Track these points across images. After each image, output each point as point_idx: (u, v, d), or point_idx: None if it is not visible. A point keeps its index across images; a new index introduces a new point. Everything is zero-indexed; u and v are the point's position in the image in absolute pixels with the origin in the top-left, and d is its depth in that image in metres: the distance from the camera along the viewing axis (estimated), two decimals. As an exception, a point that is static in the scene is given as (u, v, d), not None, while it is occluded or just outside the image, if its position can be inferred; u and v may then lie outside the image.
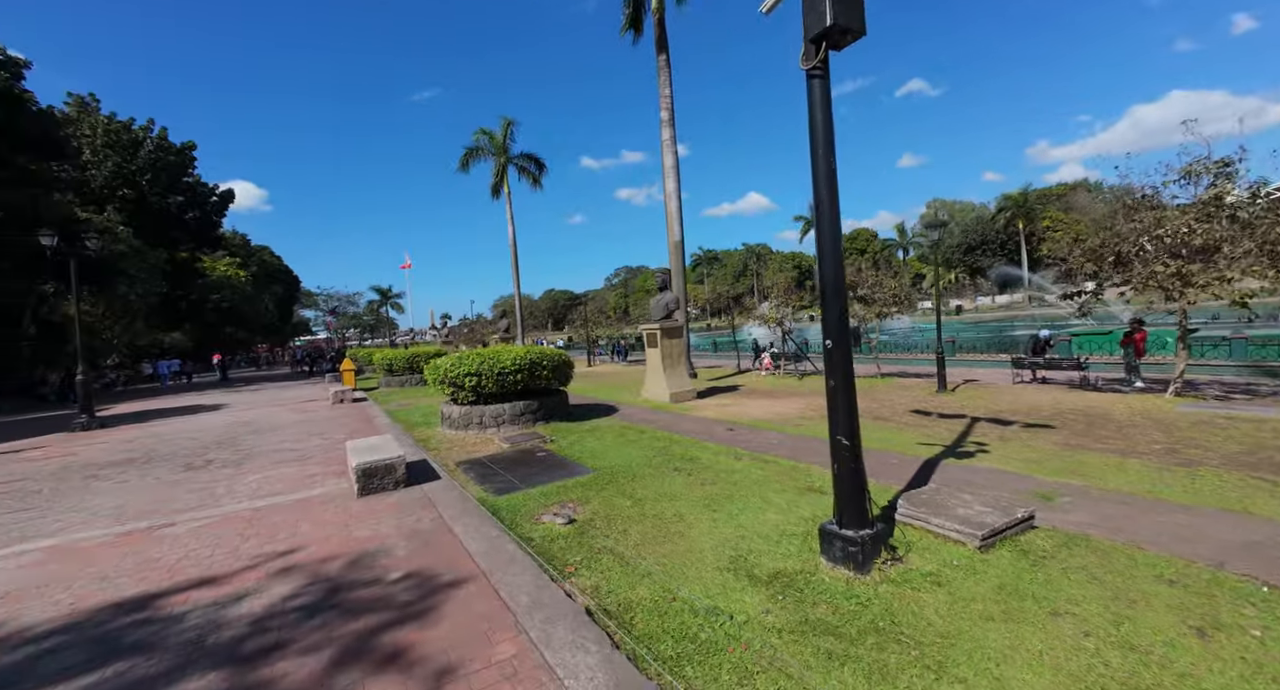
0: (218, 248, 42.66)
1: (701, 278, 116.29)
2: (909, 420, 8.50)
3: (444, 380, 9.16)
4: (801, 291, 16.20)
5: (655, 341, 11.97)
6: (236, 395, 20.43)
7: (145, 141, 33.10)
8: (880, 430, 7.89)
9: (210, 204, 37.95)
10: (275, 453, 8.58)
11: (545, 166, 30.72)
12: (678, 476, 5.85)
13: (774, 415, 9.70)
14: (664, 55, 15.59)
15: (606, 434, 8.52)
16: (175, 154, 34.66)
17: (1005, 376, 12.90)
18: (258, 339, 66.34)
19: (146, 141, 33.15)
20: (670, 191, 15.69)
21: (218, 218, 39.72)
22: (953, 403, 9.84)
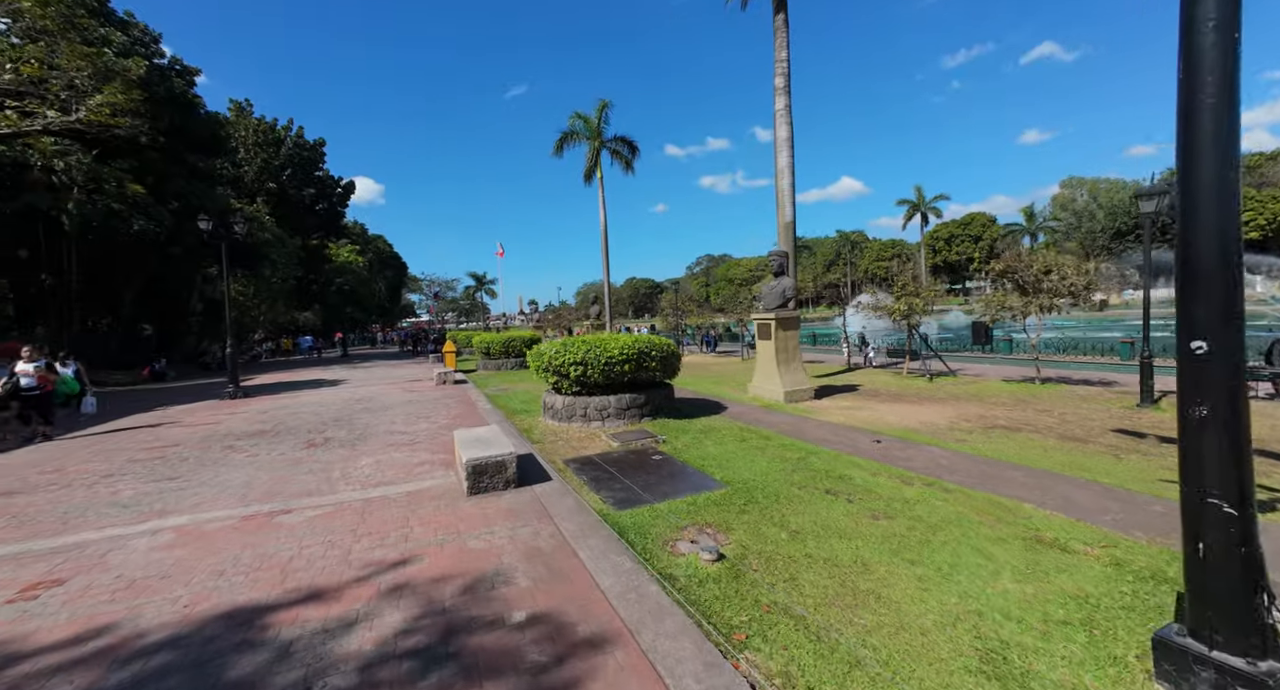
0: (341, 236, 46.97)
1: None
2: (1120, 444, 6.62)
3: (547, 368, 8.66)
4: (934, 278, 14.00)
5: (769, 333, 10.73)
6: (353, 371, 22.01)
7: (285, 140, 36.83)
8: (1083, 455, 6.16)
9: (336, 195, 41.63)
10: (386, 435, 8.57)
11: (638, 149, 30.01)
12: (835, 502, 4.72)
13: (919, 424, 8.15)
14: (782, 14, 13.96)
15: (724, 436, 7.53)
16: (309, 150, 38.27)
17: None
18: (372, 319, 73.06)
19: (286, 139, 36.87)
20: (783, 167, 14.15)
21: (342, 208, 43.54)
22: (1169, 421, 7.66)
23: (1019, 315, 11.20)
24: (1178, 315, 2.19)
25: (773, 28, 14.16)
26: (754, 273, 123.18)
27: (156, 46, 22.66)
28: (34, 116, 18.25)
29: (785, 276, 10.92)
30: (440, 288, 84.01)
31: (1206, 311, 2.09)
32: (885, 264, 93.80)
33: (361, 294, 48.99)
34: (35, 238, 20.46)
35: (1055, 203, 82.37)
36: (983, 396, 10.52)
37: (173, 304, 28.02)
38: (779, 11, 13.95)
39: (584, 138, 29.79)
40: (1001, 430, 7.55)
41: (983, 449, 6.49)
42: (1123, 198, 72.68)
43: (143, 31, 22.17)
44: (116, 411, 12.24)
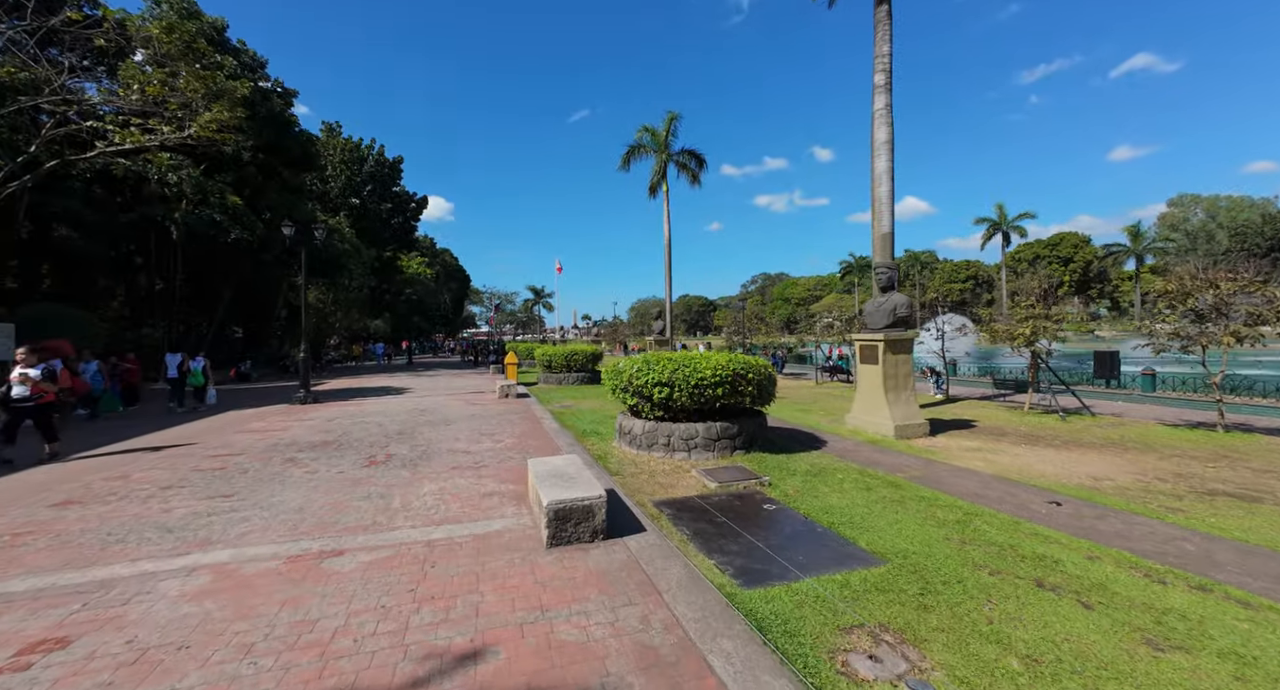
0: (412, 249, 49.11)
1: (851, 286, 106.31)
2: None
3: (627, 388, 7.65)
4: (1063, 299, 11.94)
5: (875, 356, 9.25)
6: (417, 379, 22.10)
7: (368, 157, 38.99)
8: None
9: (410, 210, 43.58)
10: (449, 454, 7.83)
11: (705, 162, 29.24)
12: (1063, 605, 3.32)
13: (1092, 480, 6.44)
14: (885, 6, 12.68)
15: (842, 481, 6.17)
16: (388, 167, 40.34)
17: None
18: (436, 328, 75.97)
19: (369, 157, 39.03)
20: (881, 173, 12.70)
21: (415, 222, 45.52)
22: None
23: (1200, 345, 9.10)
24: None
25: (873, 20, 12.89)
26: (813, 292, 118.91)
27: (262, 71, 24.34)
28: (154, 133, 19.88)
29: (895, 292, 9.45)
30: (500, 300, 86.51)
31: None
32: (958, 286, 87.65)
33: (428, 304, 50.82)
34: (147, 244, 22.12)
35: (1163, 222, 74.19)
36: (1152, 445, 8.51)
37: (260, 309, 29.74)
38: (881, 2, 12.69)
39: (650, 151, 29.38)
40: (1227, 498, 5.73)
41: (1227, 528, 4.79)
42: (1250, 217, 64.35)
43: (251, 57, 23.89)
44: (201, 410, 12.41)
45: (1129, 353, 13.96)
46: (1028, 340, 11.46)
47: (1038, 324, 11.18)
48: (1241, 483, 6.31)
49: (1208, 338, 8.93)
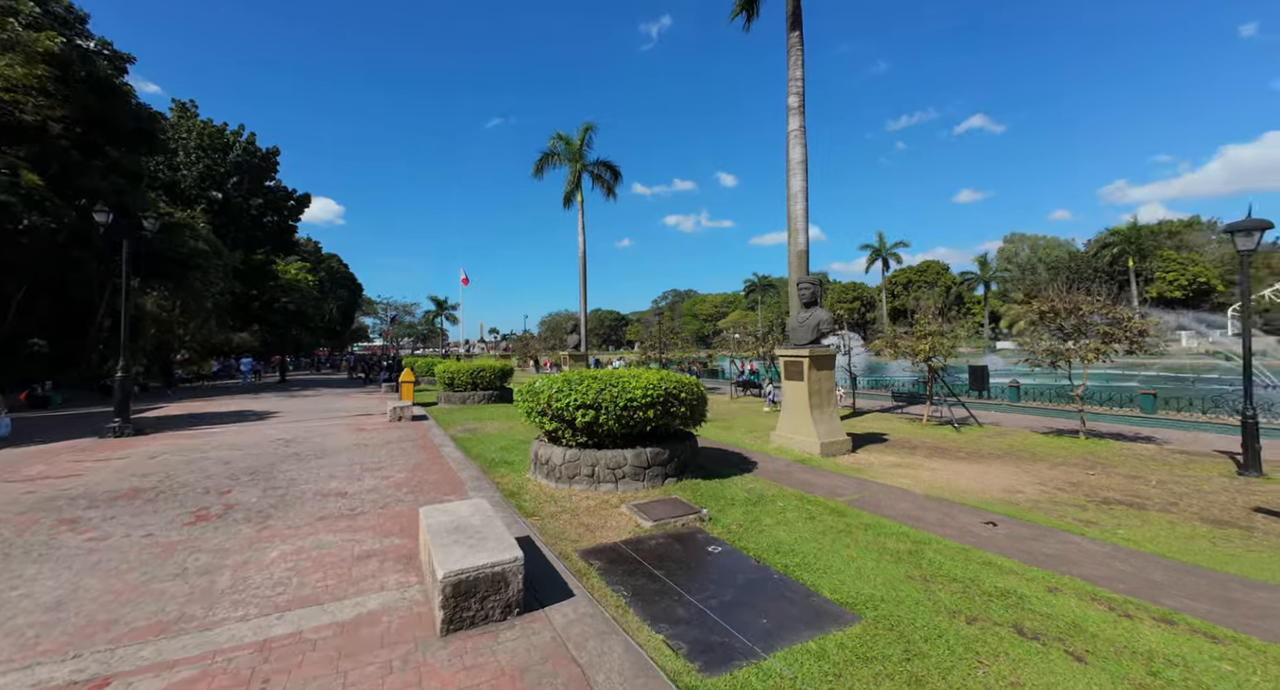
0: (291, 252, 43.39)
1: (755, 304, 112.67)
2: (1267, 526, 5.22)
3: (544, 411, 6.66)
4: (955, 318, 12.93)
5: (800, 372, 9.13)
6: (289, 401, 18.95)
7: (234, 146, 33.86)
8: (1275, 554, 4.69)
9: (287, 208, 38.49)
10: (318, 498, 6.25)
11: (620, 175, 29.09)
12: (1053, 658, 2.95)
13: (1005, 493, 6.61)
14: (797, 32, 13.19)
15: (784, 510, 5.69)
16: (260, 158, 35.33)
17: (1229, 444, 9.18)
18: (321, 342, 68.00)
19: (235, 145, 33.90)
20: (796, 191, 13.05)
21: (293, 222, 40.29)
22: (1297, 495, 6.41)
23: (1065, 361, 10.11)
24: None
25: (786, 45, 13.35)
26: (719, 309, 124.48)
27: (82, 27, 20.01)
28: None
29: (818, 307, 9.46)
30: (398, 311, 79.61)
31: None
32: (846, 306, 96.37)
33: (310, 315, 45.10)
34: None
35: (1001, 256, 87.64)
36: (1037, 454, 9.19)
37: (75, 317, 24.09)
38: (794, 28, 13.17)
39: (564, 160, 28.63)
40: (1120, 506, 6.07)
41: (1138, 540, 4.93)
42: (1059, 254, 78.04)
43: (66, 9, 19.53)
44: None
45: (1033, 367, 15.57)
46: (927, 356, 12.19)
47: (935, 341, 11.92)
48: (1123, 489, 6.81)
49: (1073, 353, 9.95)
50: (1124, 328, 9.42)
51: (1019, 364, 9.86)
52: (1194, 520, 5.57)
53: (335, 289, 57.91)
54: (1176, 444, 10.07)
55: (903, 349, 12.55)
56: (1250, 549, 4.74)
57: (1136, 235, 59.65)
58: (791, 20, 13.24)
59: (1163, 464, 8.24)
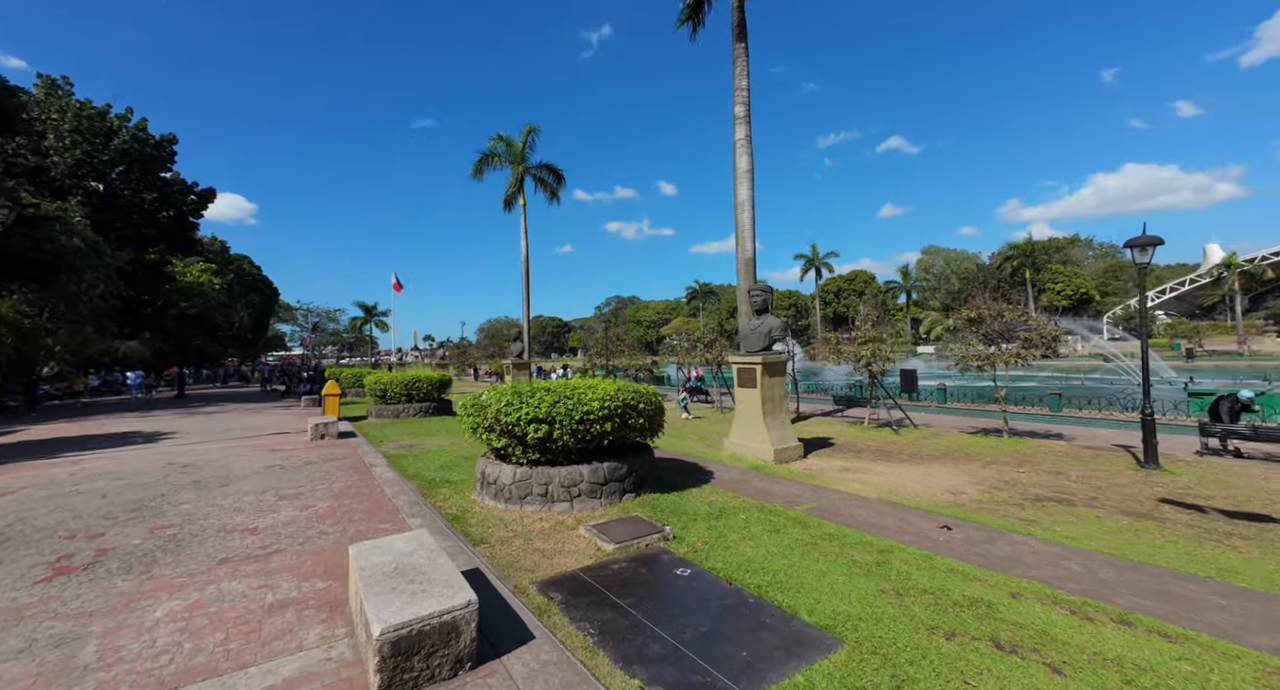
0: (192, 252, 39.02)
1: (696, 311, 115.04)
2: (1199, 522, 5.71)
3: (491, 427, 6.14)
4: (884, 322, 13.51)
5: (753, 379, 9.13)
6: (190, 419, 16.80)
7: (120, 130, 30.00)
8: (1190, 544, 5.08)
9: (187, 203, 34.59)
10: (220, 537, 5.37)
11: (564, 179, 28.55)
12: (1031, 668, 2.92)
13: (950, 495, 6.86)
14: (743, 44, 13.43)
15: (749, 523, 5.53)
16: (153, 147, 31.54)
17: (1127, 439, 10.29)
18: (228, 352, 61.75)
19: (122, 130, 30.06)
20: (743, 200, 13.23)
21: (194, 219, 36.28)
22: (1203, 488, 7.07)
23: (991, 364, 10.82)
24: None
25: (732, 56, 13.56)
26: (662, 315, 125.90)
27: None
28: None
29: (769, 314, 9.52)
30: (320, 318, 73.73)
31: None
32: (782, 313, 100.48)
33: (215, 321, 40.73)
34: None
35: (919, 266, 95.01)
36: (971, 453, 9.72)
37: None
38: (739, 40, 13.40)
39: (506, 162, 27.72)
40: (1052, 503, 6.43)
41: (1072, 536, 5.19)
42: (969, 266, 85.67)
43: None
44: None
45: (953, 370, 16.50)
46: (868, 361, 12.68)
47: (875, 347, 12.43)
48: (1050, 486, 7.26)
49: (998, 357, 10.68)
50: (1041, 334, 10.21)
51: (951, 367, 10.48)
52: (1116, 513, 5.98)
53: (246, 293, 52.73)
54: (1082, 440, 11.03)
55: (845, 354, 13.01)
56: (1168, 540, 5.11)
57: (1031, 250, 66.57)
58: (737, 32, 13.47)
59: (1076, 459, 8.94)
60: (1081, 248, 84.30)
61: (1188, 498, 6.58)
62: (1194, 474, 7.73)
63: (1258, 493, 6.76)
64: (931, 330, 73.85)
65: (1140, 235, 8.00)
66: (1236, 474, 7.76)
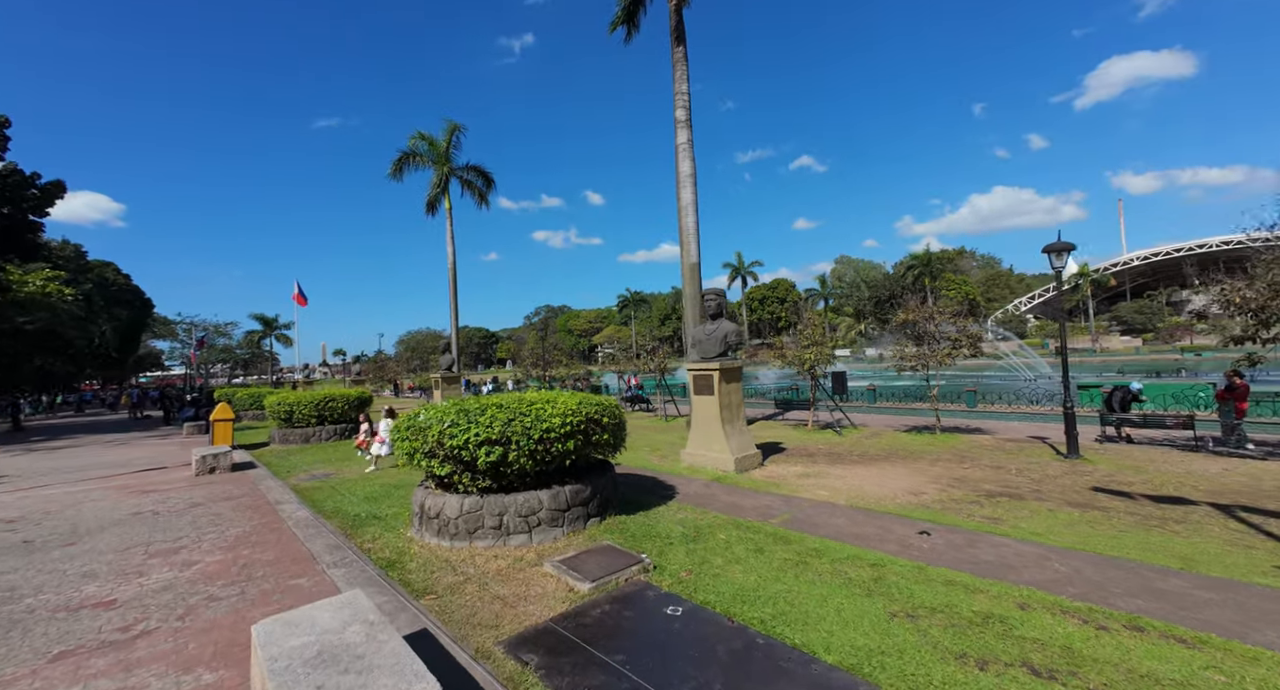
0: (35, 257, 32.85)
1: (628, 319, 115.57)
2: (1136, 510, 6.06)
3: (432, 453, 5.26)
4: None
5: (710, 386, 8.81)
6: (26, 458, 13.73)
7: (-66, 106, 24.62)
8: (1140, 531, 5.33)
9: (27, 199, 29.14)
10: (58, 618, 4.06)
11: (494, 182, 27.21)
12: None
13: (911, 497, 6.89)
14: (681, 47, 13.33)
15: (728, 546, 5.09)
16: (-21, 128, 26.25)
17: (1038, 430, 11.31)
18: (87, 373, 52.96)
19: (-63, 107, 24.68)
20: (687, 204, 13.05)
21: (37, 218, 30.63)
22: (1123, 474, 7.63)
23: (923, 365, 11.33)
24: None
25: (671, 61, 13.42)
26: (593, 324, 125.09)
27: None
28: None
29: (724, 319, 9.29)
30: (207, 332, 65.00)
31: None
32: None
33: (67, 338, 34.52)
34: None
35: (833, 275, 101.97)
36: (913, 451, 10.04)
37: None
38: (679, 44, 13.30)
39: (428, 162, 25.94)
40: (1004, 498, 6.62)
41: (1037, 532, 5.28)
42: (876, 275, 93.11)
43: None
44: None
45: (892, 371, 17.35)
46: (811, 364, 12.89)
47: (818, 351, 12.66)
48: (996, 480, 7.52)
49: (930, 357, 11.20)
50: (967, 335, 10.84)
51: (882, 368, 11.00)
52: (1064, 506, 6.22)
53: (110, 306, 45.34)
54: (1002, 433, 11.83)
55: (790, 358, 13.15)
56: (1118, 530, 5.32)
57: (929, 260, 73.54)
58: (675, 35, 13.36)
59: (1006, 453, 9.47)
60: (968, 259, 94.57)
61: (1113, 485, 7.05)
62: (1110, 462, 8.40)
63: (1165, 477, 7.41)
64: (846, 334, 79.50)
65: (1056, 242, 8.67)
66: (1142, 460, 8.53)
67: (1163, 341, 53.73)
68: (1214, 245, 62.97)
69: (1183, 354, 44.04)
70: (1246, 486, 6.72)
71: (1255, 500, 6.10)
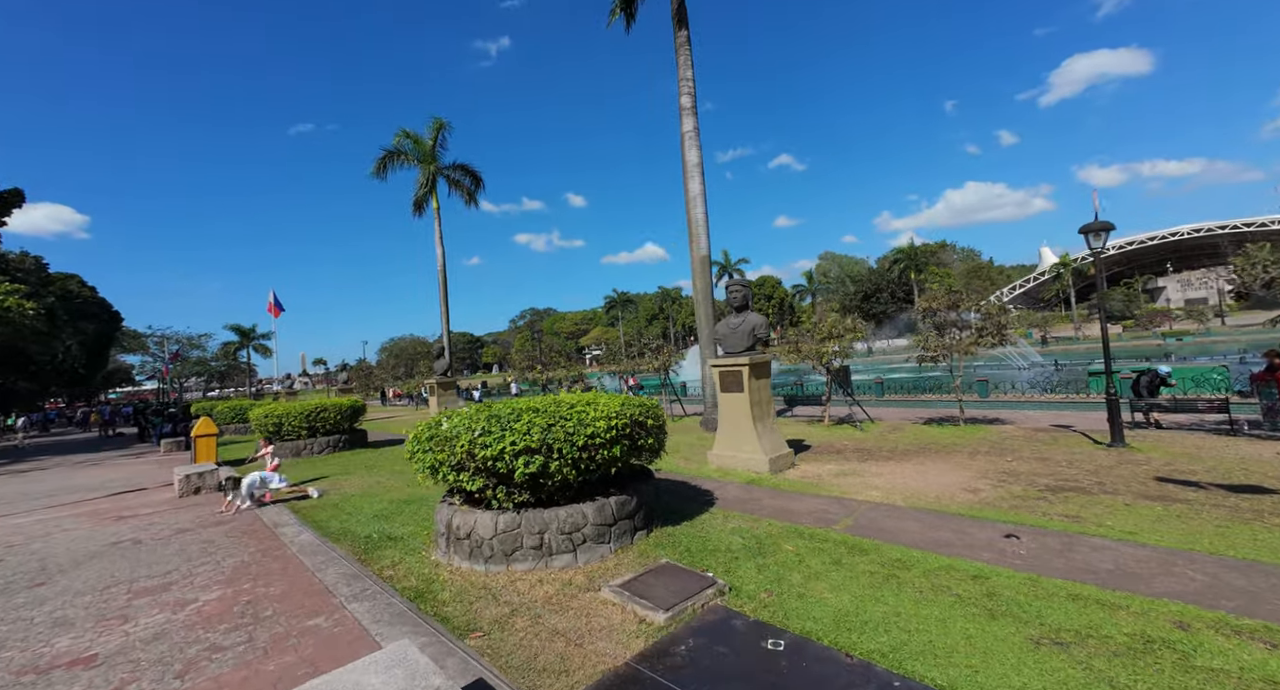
0: (-8, 267, 31.03)
1: (615, 320, 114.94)
2: (1221, 501, 5.68)
3: (461, 465, 4.64)
4: (853, 318, 13.34)
5: (739, 383, 8.28)
6: (-11, 483, 12.61)
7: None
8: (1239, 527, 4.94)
9: (-16, 205, 27.40)
10: (20, 687, 3.35)
11: (482, 181, 26.37)
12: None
13: (965, 492, 6.46)
14: (684, 31, 12.81)
15: (802, 560, 4.56)
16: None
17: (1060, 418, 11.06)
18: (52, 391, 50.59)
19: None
20: (695, 194, 12.53)
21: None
22: (1180, 462, 7.27)
23: (948, 355, 10.97)
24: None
25: (674, 45, 12.90)
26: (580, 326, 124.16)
27: None
28: None
29: (749, 311, 8.77)
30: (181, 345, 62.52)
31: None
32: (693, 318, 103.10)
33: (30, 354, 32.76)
34: None
35: (818, 271, 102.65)
36: (944, 444, 9.63)
37: None
38: (681, 28, 12.79)
39: (414, 161, 25.05)
40: (1069, 492, 6.20)
41: (1131, 531, 4.85)
42: (861, 270, 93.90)
43: None
44: None
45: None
46: (829, 359, 12.46)
47: (840, 343, 12.22)
48: (1051, 474, 7.08)
49: (955, 347, 10.84)
50: (995, 322, 10.50)
51: (874, 361, 10.73)
52: (1138, 499, 5.82)
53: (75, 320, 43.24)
54: (1024, 423, 11.49)
55: (805, 353, 12.72)
56: (1216, 524, 4.89)
57: (914, 253, 74.25)
58: (677, 19, 12.85)
59: (1043, 443, 9.10)
60: (949, 252, 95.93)
61: (1176, 475, 6.70)
62: (1159, 450, 8.07)
63: (1225, 463, 7.09)
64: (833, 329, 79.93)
65: (1093, 221, 8.35)
66: (1189, 446, 8.23)
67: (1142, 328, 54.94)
68: (1185, 234, 64.68)
69: (1164, 339, 44.95)
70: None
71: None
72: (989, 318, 10.62)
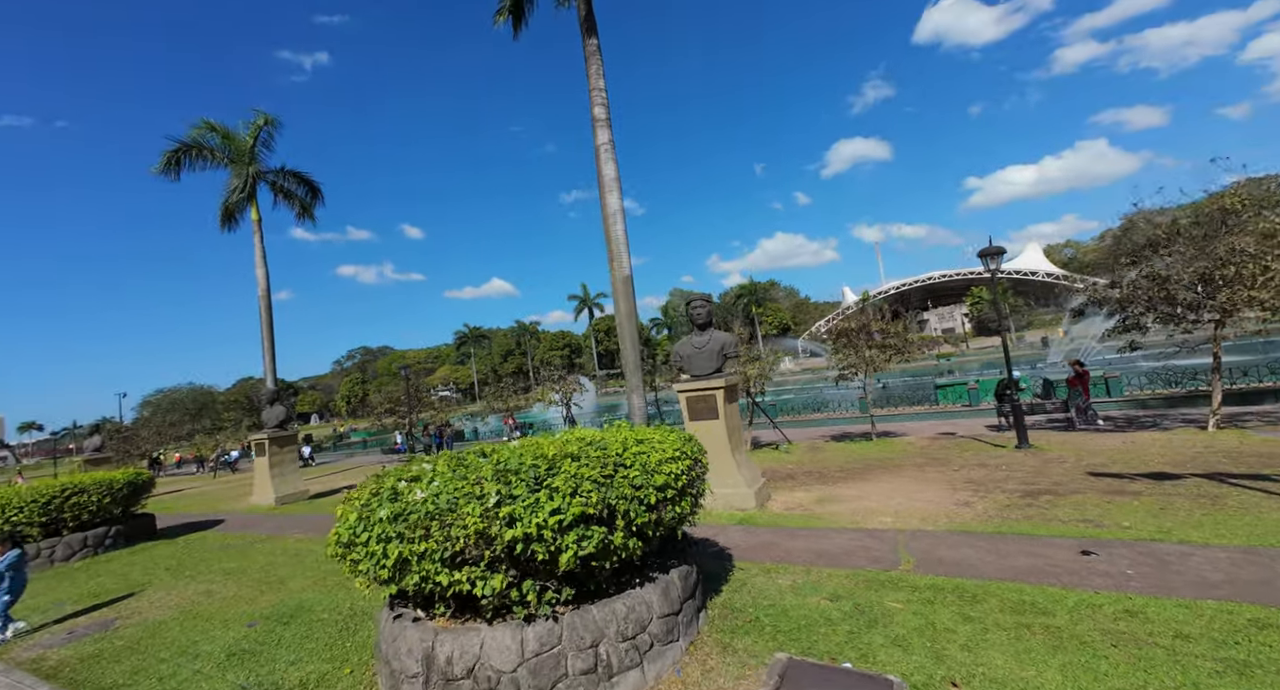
0: None
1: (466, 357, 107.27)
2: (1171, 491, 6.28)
3: (462, 559, 2.79)
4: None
5: (713, 409, 7.29)
6: None
7: None
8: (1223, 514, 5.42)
9: None
10: None
11: (320, 193, 21.98)
12: None
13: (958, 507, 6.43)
14: (594, 39, 12.13)
15: (930, 618, 3.64)
16: None
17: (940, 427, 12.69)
18: None
19: None
20: (614, 211, 11.63)
21: None
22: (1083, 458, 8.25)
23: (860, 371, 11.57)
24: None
25: (584, 54, 12.13)
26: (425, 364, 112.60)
27: None
28: None
29: (713, 329, 7.96)
30: None
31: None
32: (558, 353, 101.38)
33: None
34: None
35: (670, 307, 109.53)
36: (884, 460, 9.85)
37: None
38: (590, 34, 12.10)
39: (224, 160, 19.89)
40: (1046, 496, 6.49)
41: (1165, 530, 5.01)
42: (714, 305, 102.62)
43: None
44: None
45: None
46: (750, 383, 12.31)
47: (761, 365, 12.16)
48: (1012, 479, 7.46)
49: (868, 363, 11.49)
50: (902, 339, 11.40)
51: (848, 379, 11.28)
52: (1107, 495, 6.27)
53: None
54: (918, 433, 12.57)
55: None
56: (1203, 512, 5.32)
57: (754, 289, 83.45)
58: (586, 26, 12.16)
59: (963, 450, 9.85)
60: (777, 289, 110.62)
61: (1098, 469, 7.51)
62: (1052, 448, 9.18)
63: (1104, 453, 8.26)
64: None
65: (989, 246, 9.52)
66: (1058, 441, 9.57)
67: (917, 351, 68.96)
68: (936, 278, 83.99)
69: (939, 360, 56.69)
70: (1181, 455, 7.72)
71: (1223, 467, 6.90)
72: (893, 336, 11.52)
